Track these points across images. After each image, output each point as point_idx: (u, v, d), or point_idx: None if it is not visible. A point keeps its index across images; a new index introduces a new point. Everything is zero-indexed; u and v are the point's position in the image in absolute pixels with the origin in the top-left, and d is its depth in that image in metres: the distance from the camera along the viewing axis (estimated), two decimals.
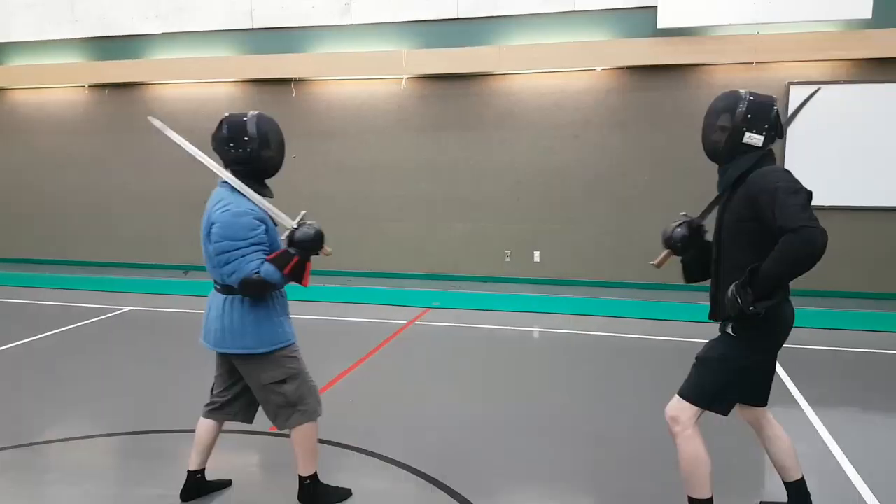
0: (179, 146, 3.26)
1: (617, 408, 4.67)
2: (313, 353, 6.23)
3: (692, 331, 6.89)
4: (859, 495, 3.44)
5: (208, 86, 10.01)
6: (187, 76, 9.90)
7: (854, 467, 3.73)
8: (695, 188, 8.82)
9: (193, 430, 4.16)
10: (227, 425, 3.97)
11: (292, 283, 3.08)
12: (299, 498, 3.31)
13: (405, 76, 9.26)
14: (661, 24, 8.23)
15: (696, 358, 2.87)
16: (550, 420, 4.51)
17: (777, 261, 2.48)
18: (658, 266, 3.19)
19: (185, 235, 10.36)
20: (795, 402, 4.82)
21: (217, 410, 3.38)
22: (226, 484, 3.57)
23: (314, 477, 3.31)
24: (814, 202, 2.62)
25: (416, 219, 9.58)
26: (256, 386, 3.19)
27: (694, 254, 3.09)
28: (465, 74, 9.10)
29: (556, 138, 8.97)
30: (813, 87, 8.31)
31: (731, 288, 2.62)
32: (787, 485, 3.10)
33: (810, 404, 4.73)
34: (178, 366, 5.79)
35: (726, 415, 2.86)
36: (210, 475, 3.50)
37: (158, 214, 10.35)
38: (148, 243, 10.49)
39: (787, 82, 8.24)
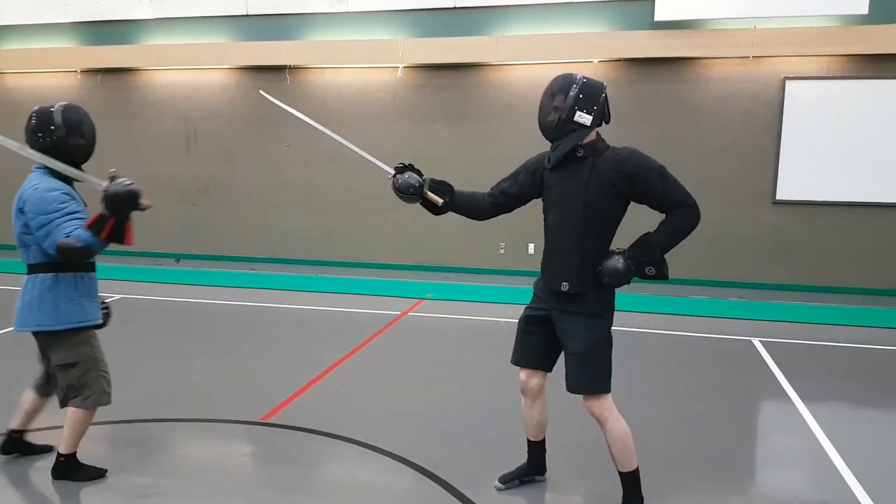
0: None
1: None
2: (306, 342, 6.25)
3: (683, 324, 6.90)
4: (850, 491, 3.45)
5: (202, 72, 9.92)
6: (181, 62, 9.81)
7: (846, 463, 3.74)
8: (690, 180, 8.81)
9: (183, 419, 4.16)
10: (221, 414, 3.95)
11: (115, 244, 3.16)
12: (52, 472, 3.43)
13: (401, 65, 9.20)
14: (658, 17, 8.19)
15: (580, 351, 2.99)
16: None
17: (676, 231, 2.92)
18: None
19: (177, 223, 10.30)
20: (788, 397, 4.83)
21: (41, 386, 3.59)
22: (45, 449, 3.71)
23: (72, 456, 3.43)
24: (808, 197, 2.68)
25: (410, 209, 9.48)
26: (52, 364, 3.37)
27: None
28: (462, 64, 9.05)
29: None
30: (810, 82, 8.39)
31: (618, 258, 2.91)
32: (535, 443, 3.43)
33: (803, 400, 4.74)
34: (169, 354, 5.75)
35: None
36: (203, 464, 3.48)
37: (150, 201, 10.27)
38: (139, 230, 10.36)
39: (783, 77, 8.23)
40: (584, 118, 2.93)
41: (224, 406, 4.39)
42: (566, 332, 3.05)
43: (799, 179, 8.20)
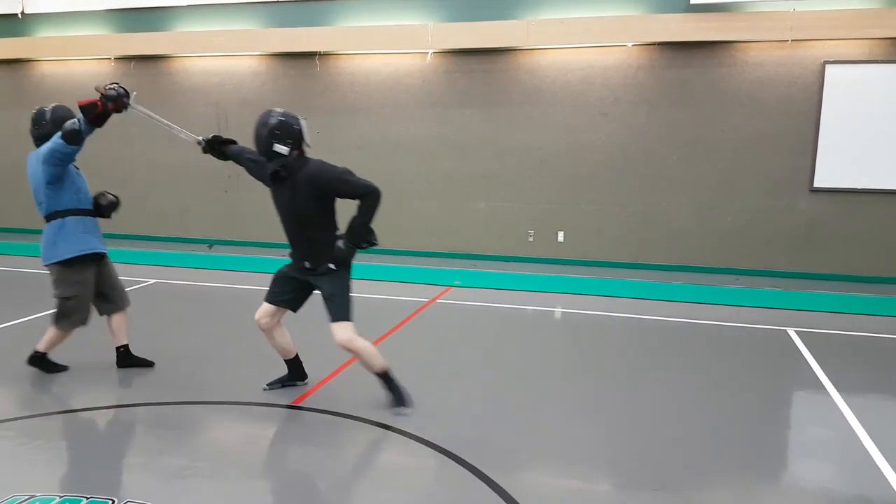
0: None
1: (640, 389, 4.63)
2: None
3: (717, 314, 6.80)
4: (888, 482, 3.37)
5: (233, 59, 10.00)
6: (212, 49, 9.89)
7: (882, 454, 3.66)
8: (724, 167, 8.68)
9: (218, 402, 4.22)
10: (253, 397, 3.98)
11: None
12: (28, 361, 4.68)
13: (430, 50, 9.16)
14: (694, 0, 8.04)
15: (330, 295, 3.99)
16: (571, 399, 4.48)
17: (366, 212, 3.84)
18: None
19: (210, 210, 10.43)
20: (823, 387, 4.74)
21: (101, 309, 4.84)
22: (149, 363, 4.89)
23: (45, 354, 4.68)
24: (847, 185, 2.60)
25: (439, 196, 9.54)
26: (54, 293, 4.48)
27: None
28: (492, 49, 8.98)
29: (584, 116, 8.84)
30: (850, 66, 8.15)
31: (340, 243, 3.91)
32: (288, 362, 4.47)
33: (838, 390, 4.64)
34: (204, 337, 5.84)
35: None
36: (236, 446, 3.53)
37: (183, 188, 10.40)
38: (172, 217, 10.56)
39: (822, 61, 8.02)
40: (281, 149, 3.80)
41: (256, 389, 4.45)
42: (320, 285, 4.02)
43: (837, 167, 8.00)
